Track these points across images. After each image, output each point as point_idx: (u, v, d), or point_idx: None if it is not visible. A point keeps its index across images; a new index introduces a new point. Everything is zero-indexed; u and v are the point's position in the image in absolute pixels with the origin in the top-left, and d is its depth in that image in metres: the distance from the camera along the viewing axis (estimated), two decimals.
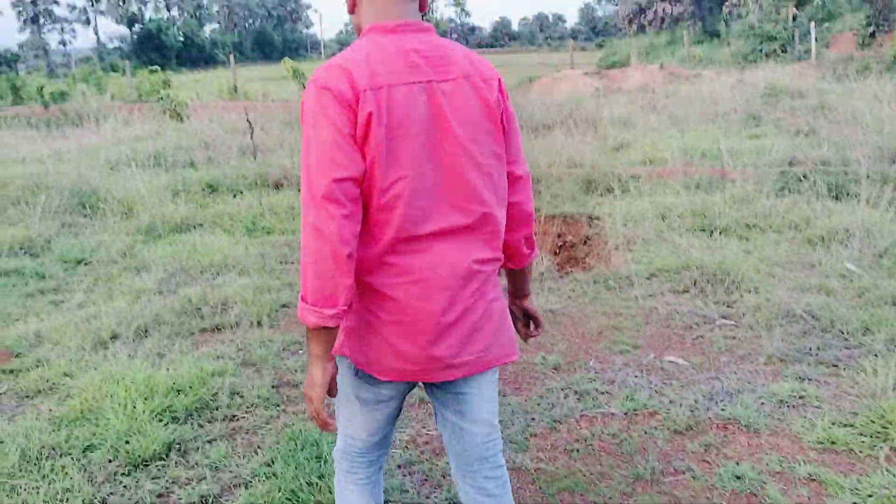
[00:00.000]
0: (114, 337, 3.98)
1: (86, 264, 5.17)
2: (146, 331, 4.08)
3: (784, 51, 26.57)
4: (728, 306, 4.19)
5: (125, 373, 3.36)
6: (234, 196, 7.13)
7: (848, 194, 6.76)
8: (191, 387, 3.29)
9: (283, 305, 4.40)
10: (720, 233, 5.66)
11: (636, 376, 3.46)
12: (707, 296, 4.30)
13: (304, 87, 2.06)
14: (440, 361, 1.65)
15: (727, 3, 39.88)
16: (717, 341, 3.81)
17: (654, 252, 5.16)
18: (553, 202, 6.84)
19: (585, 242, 6.34)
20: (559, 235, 6.39)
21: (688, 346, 3.79)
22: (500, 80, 1.70)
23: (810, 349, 3.62)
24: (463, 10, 17.58)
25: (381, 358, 1.67)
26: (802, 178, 7.17)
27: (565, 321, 4.14)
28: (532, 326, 2.02)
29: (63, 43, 68.22)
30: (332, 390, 1.67)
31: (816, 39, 24.37)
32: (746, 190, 6.63)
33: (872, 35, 26.33)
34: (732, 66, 22.95)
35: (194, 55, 61.15)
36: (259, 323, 4.12)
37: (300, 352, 3.82)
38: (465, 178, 1.62)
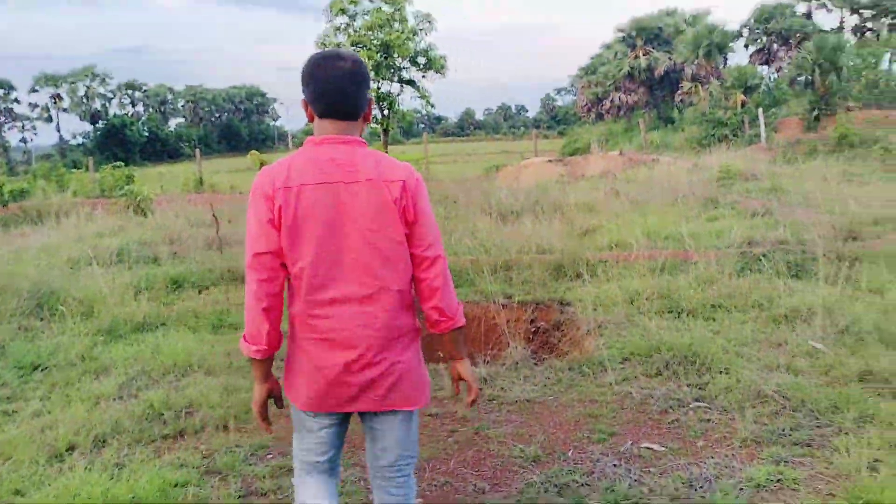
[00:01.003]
0: (70, 448, 3.78)
1: (42, 369, 4.94)
2: (105, 440, 3.88)
3: (735, 135, 27.66)
4: (700, 388, 4.17)
5: (82, 487, 3.18)
6: (200, 292, 7.03)
7: (806, 272, 6.92)
8: (151, 500, 3.12)
9: None
10: (687, 314, 5.70)
11: (615, 465, 3.39)
12: (679, 378, 4.29)
13: None
14: (339, 399, 2.13)
15: (679, 92, 41.70)
16: (692, 425, 3.77)
17: (626, 336, 5.16)
18: (524, 288, 6.86)
19: (558, 328, 6.33)
20: (532, 322, 6.38)
21: (664, 431, 3.74)
22: (404, 182, 2.10)
23: (783, 430, 3.60)
24: (428, 102, 18.06)
25: (304, 394, 2.16)
26: (762, 259, 7.33)
27: (542, 411, 4.08)
28: (464, 391, 2.40)
29: (24, 140, 67.86)
30: (277, 404, 2.30)
31: (765, 124, 25.43)
32: (709, 271, 6.73)
33: (817, 119, 27.64)
34: (687, 151, 23.74)
35: (159, 149, 61.63)
36: (225, 427, 3.97)
37: (269, 456, 3.68)
38: (362, 258, 2.06)
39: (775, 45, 51.79)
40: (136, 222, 11.60)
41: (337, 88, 2.09)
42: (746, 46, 53.32)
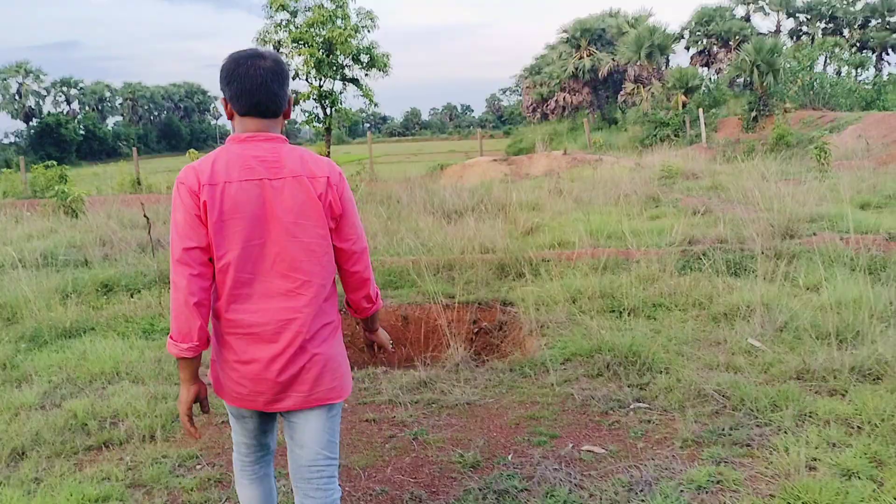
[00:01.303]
0: None
1: None
2: (24, 453, 3.67)
3: (677, 135, 28.24)
4: (641, 388, 4.16)
5: None
6: (132, 295, 6.76)
7: (745, 270, 7.03)
8: None
9: None
10: (629, 313, 5.72)
11: (555, 469, 3.33)
12: (620, 378, 4.27)
13: None
14: (265, 396, 2.14)
15: (622, 93, 42.38)
16: (632, 426, 3.75)
17: (567, 336, 5.13)
18: (466, 288, 6.79)
19: (500, 328, 6.29)
20: (474, 322, 6.32)
21: (604, 433, 3.71)
22: (329, 178, 2.13)
23: (723, 430, 3.60)
24: (371, 100, 17.78)
25: (229, 388, 2.19)
26: (702, 257, 7.43)
27: (482, 413, 4.00)
28: (378, 350, 2.60)
29: None
30: (203, 407, 2.27)
31: (706, 124, 25.99)
32: (651, 270, 6.78)
33: (755, 119, 28.43)
34: (630, 151, 24.11)
35: (96, 148, 59.83)
36: (152, 437, 3.78)
37: (197, 467, 3.51)
38: (287, 253, 2.09)
39: (715, 48, 53.14)
40: (69, 224, 11.14)
41: (259, 87, 2.11)
42: (687, 48, 54.63)
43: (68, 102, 69.45)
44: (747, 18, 56.05)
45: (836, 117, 26.14)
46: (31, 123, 60.68)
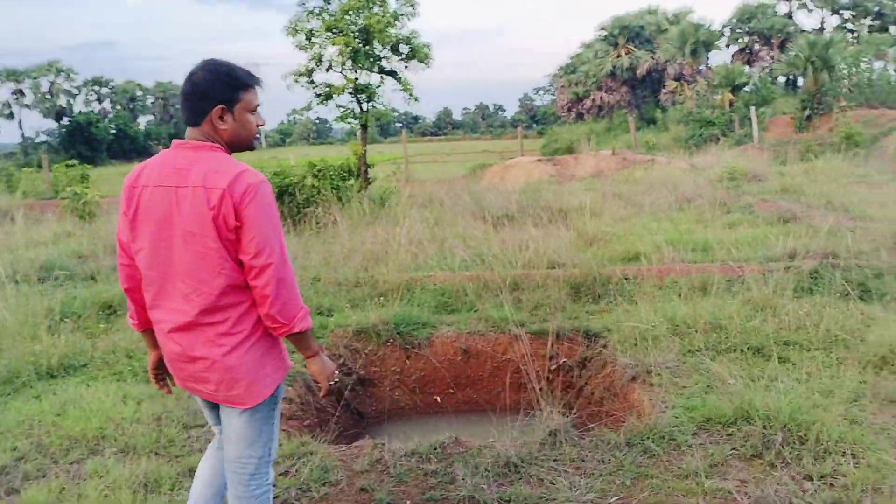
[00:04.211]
0: None
1: None
2: None
3: (725, 135, 26.74)
4: (825, 482, 2.94)
5: None
6: None
7: (873, 293, 5.78)
8: None
9: None
10: (754, 353, 4.51)
11: None
12: (790, 465, 3.06)
13: None
14: (185, 384, 2.33)
15: (664, 91, 40.85)
16: None
17: (689, 388, 3.94)
18: (537, 314, 5.62)
19: (584, 365, 5.11)
20: (551, 358, 5.14)
21: None
22: (225, 190, 2.12)
23: None
24: (411, 95, 16.58)
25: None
26: (815, 275, 6.18)
27: None
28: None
29: None
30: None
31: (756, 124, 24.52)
32: (762, 293, 5.55)
33: (809, 118, 26.80)
34: (676, 151, 22.75)
35: (127, 148, 59.66)
36: None
37: None
38: (184, 259, 2.19)
39: (756, 45, 51.30)
40: (81, 229, 10.17)
41: (184, 98, 2.24)
42: (728, 46, 52.79)
43: (99, 101, 69.19)
44: (790, 15, 54.01)
45: None
46: (62, 122, 60.56)
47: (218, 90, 2.23)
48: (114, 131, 60.46)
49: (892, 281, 5.96)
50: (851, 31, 52.54)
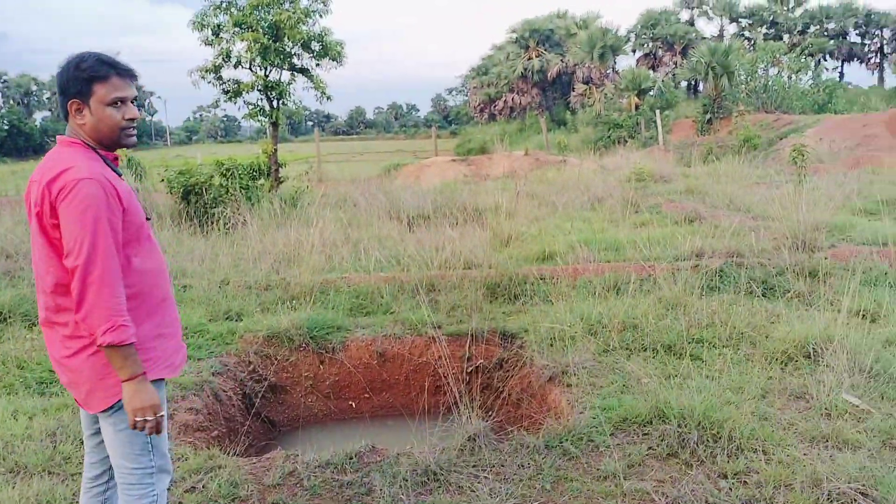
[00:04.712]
0: None
1: None
2: None
3: (632, 137, 27.58)
4: (739, 479, 2.97)
5: None
6: (31, 328, 5.31)
7: (776, 290, 6.00)
8: None
9: None
10: (666, 351, 4.58)
11: None
12: (705, 463, 3.09)
13: (140, 176, 2.05)
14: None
15: (573, 94, 41.80)
16: None
17: (605, 388, 3.95)
18: (454, 315, 5.56)
19: (501, 367, 5.07)
20: (468, 360, 5.08)
21: None
22: (43, 187, 2.09)
23: None
24: (323, 93, 16.19)
25: None
26: (720, 274, 6.38)
27: None
28: None
29: None
30: None
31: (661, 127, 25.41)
32: (673, 292, 5.67)
33: (709, 122, 27.98)
34: (585, 152, 23.28)
35: (22, 145, 56.58)
36: None
37: None
38: (36, 256, 2.21)
39: (660, 51, 53.26)
40: None
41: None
42: (634, 51, 54.55)
43: None
44: (691, 22, 56.38)
45: (791, 120, 25.84)
46: None
47: (71, 84, 2.17)
48: (6, 127, 57.25)
49: (794, 278, 6.20)
50: (749, 39, 55.20)
